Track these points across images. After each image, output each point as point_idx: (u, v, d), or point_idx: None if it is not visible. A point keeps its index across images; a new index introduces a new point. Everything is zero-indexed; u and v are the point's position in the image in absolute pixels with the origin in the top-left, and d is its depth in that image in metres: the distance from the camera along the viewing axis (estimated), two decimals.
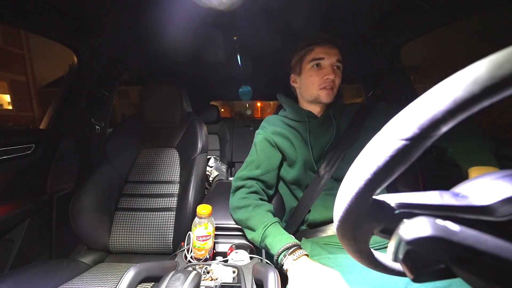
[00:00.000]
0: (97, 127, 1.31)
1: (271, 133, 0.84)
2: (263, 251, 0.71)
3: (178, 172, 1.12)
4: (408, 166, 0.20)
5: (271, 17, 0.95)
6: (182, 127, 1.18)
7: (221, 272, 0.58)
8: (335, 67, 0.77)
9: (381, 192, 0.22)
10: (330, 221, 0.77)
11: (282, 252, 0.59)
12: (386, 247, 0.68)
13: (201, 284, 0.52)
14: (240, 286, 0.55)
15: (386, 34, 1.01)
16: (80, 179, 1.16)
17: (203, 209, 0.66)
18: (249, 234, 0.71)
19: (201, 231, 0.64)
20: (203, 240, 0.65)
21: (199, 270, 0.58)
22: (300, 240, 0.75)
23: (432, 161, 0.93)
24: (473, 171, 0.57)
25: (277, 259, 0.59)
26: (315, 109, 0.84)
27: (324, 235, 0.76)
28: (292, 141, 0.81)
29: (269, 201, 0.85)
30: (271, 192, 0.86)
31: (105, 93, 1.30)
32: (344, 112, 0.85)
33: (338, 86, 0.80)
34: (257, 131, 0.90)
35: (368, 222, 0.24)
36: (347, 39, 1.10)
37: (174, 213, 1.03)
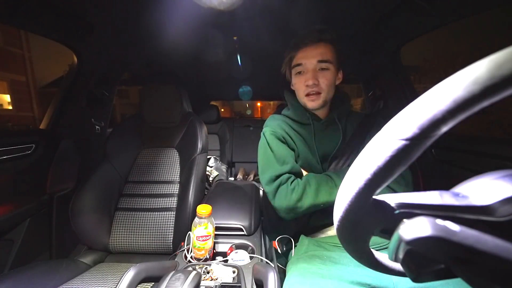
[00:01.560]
0: (97, 127, 1.31)
1: (279, 130, 0.81)
2: (263, 251, 0.71)
3: (178, 172, 1.12)
4: (408, 166, 0.20)
5: (271, 17, 0.95)
6: (182, 127, 1.18)
7: (221, 272, 0.58)
8: (320, 69, 0.72)
9: (381, 192, 0.22)
10: (330, 223, 0.77)
11: None
12: (386, 248, 0.68)
13: (201, 284, 0.52)
14: (240, 286, 0.55)
15: (386, 34, 1.01)
16: (80, 179, 1.16)
17: (203, 209, 0.66)
18: (330, 197, 0.67)
19: (201, 231, 0.64)
20: (203, 240, 0.65)
21: (199, 270, 0.58)
22: (299, 238, 0.76)
23: (432, 161, 0.93)
24: None
25: None
26: (318, 112, 0.80)
27: (323, 235, 0.76)
28: (297, 143, 0.80)
29: None
30: None
31: (105, 93, 1.30)
32: (350, 118, 0.82)
33: (330, 88, 0.73)
34: (264, 131, 0.85)
35: (368, 222, 0.24)
36: (347, 39, 1.10)
37: (174, 213, 1.03)
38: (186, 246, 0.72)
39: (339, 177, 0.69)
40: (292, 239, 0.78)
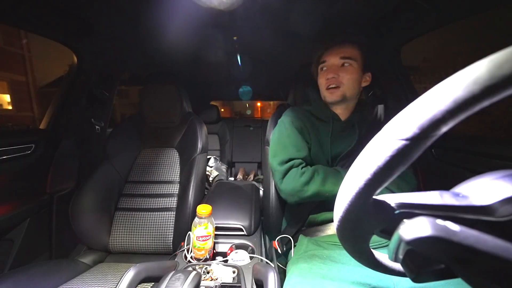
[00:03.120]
0: (97, 127, 1.31)
1: (298, 121, 0.82)
2: (263, 251, 0.71)
3: (178, 172, 1.12)
4: (408, 166, 0.20)
5: (271, 17, 0.95)
6: (182, 127, 1.18)
7: (221, 272, 0.58)
8: (343, 65, 0.75)
9: (381, 192, 0.22)
10: (330, 221, 0.77)
11: None
12: (385, 246, 0.68)
13: (201, 284, 0.52)
14: (240, 286, 0.55)
15: (386, 34, 1.01)
16: (80, 179, 1.16)
17: (203, 209, 0.66)
18: (335, 187, 0.68)
19: (201, 231, 0.64)
20: (203, 240, 0.65)
21: (199, 270, 0.58)
22: (298, 237, 0.76)
23: (432, 161, 0.93)
24: None
25: None
26: (339, 111, 0.82)
27: (323, 234, 0.76)
28: (312, 138, 0.80)
29: None
30: None
31: (105, 93, 1.30)
32: (367, 123, 0.83)
33: (350, 84, 0.75)
34: (283, 119, 0.85)
35: (368, 222, 0.24)
36: None
37: (174, 213, 1.03)
38: (186, 246, 0.72)
39: (346, 172, 0.69)
40: (292, 239, 0.79)
